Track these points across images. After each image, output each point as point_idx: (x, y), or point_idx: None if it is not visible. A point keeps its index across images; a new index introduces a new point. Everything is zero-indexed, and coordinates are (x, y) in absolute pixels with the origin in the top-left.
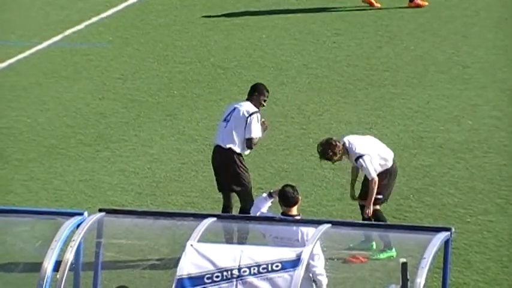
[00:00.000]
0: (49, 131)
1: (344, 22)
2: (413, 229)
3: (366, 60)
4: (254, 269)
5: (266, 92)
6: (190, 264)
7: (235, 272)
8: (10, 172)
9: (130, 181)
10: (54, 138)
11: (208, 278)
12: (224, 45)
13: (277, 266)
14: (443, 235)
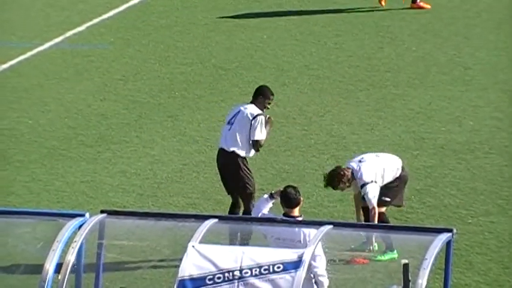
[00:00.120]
0: (50, 132)
1: (345, 23)
2: (414, 230)
3: (368, 61)
4: (256, 270)
5: (271, 95)
6: (191, 265)
7: (236, 273)
8: (11, 173)
9: (131, 182)
10: (55, 139)
11: (209, 279)
12: (225, 46)
13: (278, 267)
14: (444, 236)
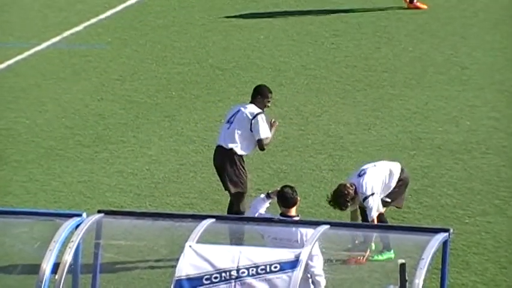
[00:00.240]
0: (48, 132)
1: (342, 23)
2: (411, 230)
3: (365, 61)
4: (252, 270)
5: (269, 94)
6: (188, 265)
7: (233, 273)
8: (9, 173)
9: (128, 182)
10: (52, 139)
11: (206, 279)
12: (222, 46)
13: (275, 267)
14: (441, 236)
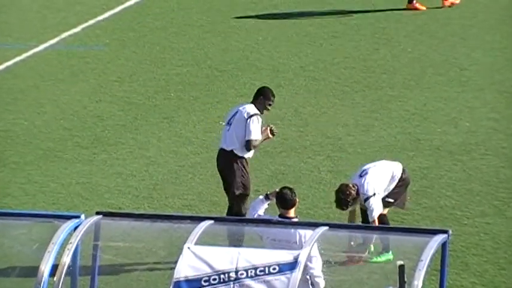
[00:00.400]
0: (46, 134)
1: (341, 24)
2: (410, 231)
3: (363, 62)
4: (251, 272)
5: (272, 97)
6: (187, 267)
7: (232, 275)
8: (7, 175)
9: (127, 184)
10: (51, 141)
11: (205, 281)
12: (221, 47)
13: (274, 269)
14: (440, 237)
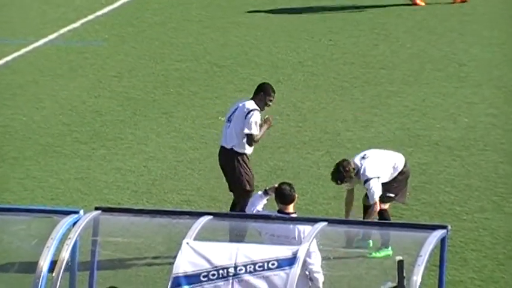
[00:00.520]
0: (45, 129)
1: (340, 20)
2: (409, 227)
3: (362, 58)
4: (250, 267)
5: (272, 93)
6: (186, 262)
7: (231, 270)
8: (6, 170)
9: (126, 179)
10: (50, 136)
11: (204, 276)
12: (220, 43)
13: (273, 264)
14: (439, 233)
